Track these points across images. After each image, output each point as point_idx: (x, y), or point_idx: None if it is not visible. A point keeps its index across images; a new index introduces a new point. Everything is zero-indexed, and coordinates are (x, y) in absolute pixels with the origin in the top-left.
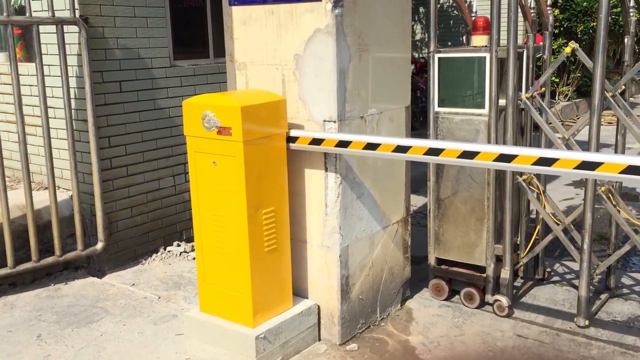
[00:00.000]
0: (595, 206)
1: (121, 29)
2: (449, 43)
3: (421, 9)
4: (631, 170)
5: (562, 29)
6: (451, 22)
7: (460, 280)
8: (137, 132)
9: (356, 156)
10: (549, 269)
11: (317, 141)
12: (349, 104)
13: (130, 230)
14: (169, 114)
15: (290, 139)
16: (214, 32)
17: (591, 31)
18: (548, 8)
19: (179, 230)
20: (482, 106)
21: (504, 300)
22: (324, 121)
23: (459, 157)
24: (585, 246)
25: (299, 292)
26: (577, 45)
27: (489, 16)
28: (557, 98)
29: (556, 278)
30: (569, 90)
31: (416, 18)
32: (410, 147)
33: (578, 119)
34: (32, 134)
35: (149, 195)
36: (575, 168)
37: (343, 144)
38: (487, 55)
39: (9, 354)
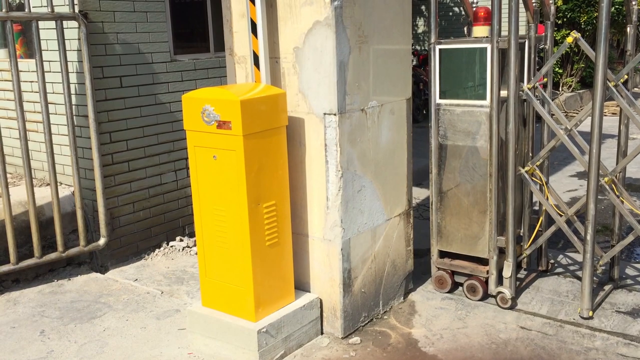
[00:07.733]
0: (599, 197)
1: (121, 24)
2: (452, 37)
3: (423, 7)
4: None
5: (565, 19)
6: (453, 17)
7: (463, 272)
8: (138, 127)
9: (357, 149)
10: (552, 261)
11: None
12: (349, 96)
13: (133, 225)
14: (170, 109)
15: None
16: (214, 25)
17: (595, 21)
18: None
19: (182, 225)
20: (483, 97)
21: (507, 292)
22: (325, 114)
23: None
24: (589, 237)
25: (301, 286)
26: (579, 35)
27: (489, 6)
28: (560, 89)
29: (560, 269)
30: (572, 81)
31: (419, 11)
32: None
33: (582, 109)
34: (33, 130)
35: (151, 190)
36: None
37: None
38: (489, 46)
39: (13, 350)
